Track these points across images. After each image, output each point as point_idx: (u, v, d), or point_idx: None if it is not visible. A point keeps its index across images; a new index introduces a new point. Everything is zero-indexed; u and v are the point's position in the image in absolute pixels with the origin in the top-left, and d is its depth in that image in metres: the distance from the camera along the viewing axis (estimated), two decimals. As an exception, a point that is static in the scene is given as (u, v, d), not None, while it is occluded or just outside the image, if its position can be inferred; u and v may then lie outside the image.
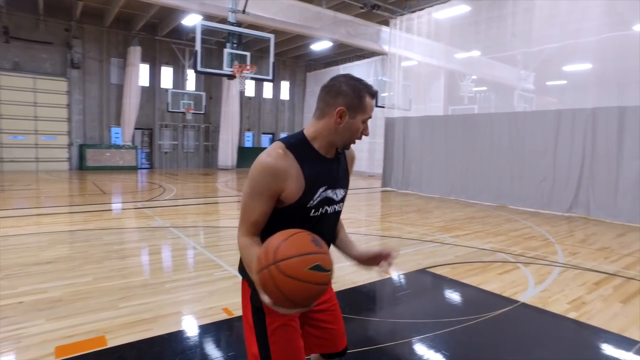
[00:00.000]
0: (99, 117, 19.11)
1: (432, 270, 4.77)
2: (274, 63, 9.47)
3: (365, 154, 20.21)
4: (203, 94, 20.45)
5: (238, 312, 3.46)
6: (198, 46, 8.24)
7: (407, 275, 4.61)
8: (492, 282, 4.33)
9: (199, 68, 8.27)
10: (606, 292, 4.16)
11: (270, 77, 9.57)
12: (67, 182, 14.05)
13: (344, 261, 2.48)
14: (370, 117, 1.48)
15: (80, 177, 15.78)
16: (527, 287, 4.21)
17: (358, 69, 20.86)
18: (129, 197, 11.14)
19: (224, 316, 3.40)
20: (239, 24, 9.83)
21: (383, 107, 14.09)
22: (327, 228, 1.56)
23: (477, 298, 3.94)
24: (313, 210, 1.46)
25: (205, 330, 3.17)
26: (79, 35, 18.02)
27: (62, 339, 2.97)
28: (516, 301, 3.82)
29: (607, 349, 3.01)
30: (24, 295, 3.79)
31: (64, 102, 18.17)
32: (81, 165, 18.40)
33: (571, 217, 8.75)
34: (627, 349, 2.98)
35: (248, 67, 8.97)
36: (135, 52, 18.67)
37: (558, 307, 3.71)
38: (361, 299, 3.91)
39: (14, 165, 17.29)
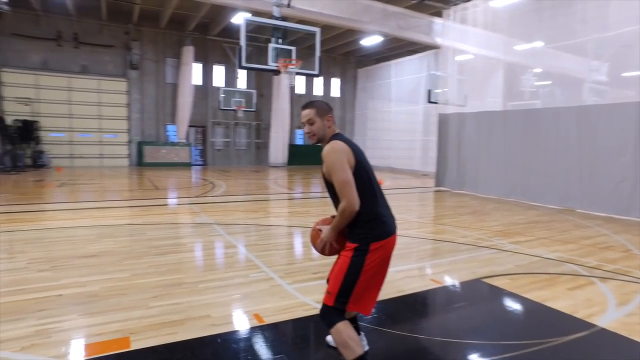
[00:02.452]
0: (155, 115, 19.93)
1: (488, 280, 4.25)
2: (320, 57, 9.20)
3: (419, 152, 19.45)
4: (254, 91, 20.68)
5: (269, 319, 3.21)
6: (243, 42, 8.16)
7: (460, 286, 4.14)
8: (561, 299, 3.74)
9: (243, 64, 8.19)
10: None
11: (316, 72, 9.32)
12: (125, 178, 14.70)
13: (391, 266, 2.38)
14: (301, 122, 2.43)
15: (138, 172, 16.49)
16: (607, 308, 3.56)
17: (409, 65, 20.12)
18: (179, 193, 11.39)
19: (254, 323, 3.17)
20: (284, 18, 9.65)
21: (436, 102, 13.40)
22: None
23: (543, 317, 3.40)
24: None
25: (232, 338, 2.94)
26: (137, 38, 18.88)
27: (89, 336, 2.90)
28: (592, 325, 3.21)
29: None
30: (64, 288, 3.80)
31: (124, 102, 19.15)
32: (139, 162, 19.29)
33: (653, 223, 7.70)
34: None
35: (293, 62, 8.78)
36: (189, 51, 19.25)
37: (646, 333, 3.10)
38: (406, 311, 3.52)
39: (82, 161, 18.49)
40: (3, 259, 4.74)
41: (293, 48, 9.17)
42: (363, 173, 2.24)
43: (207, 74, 20.96)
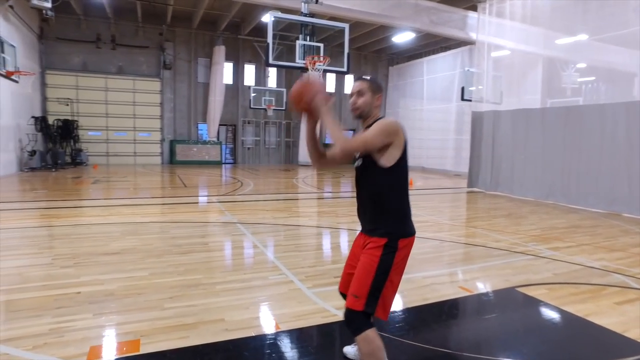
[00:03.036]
0: (187, 114, 20.30)
1: (523, 290, 3.92)
2: (348, 54, 9.00)
3: (452, 151, 18.87)
4: (284, 90, 20.68)
5: (285, 325, 3.05)
6: (270, 39, 8.08)
7: (492, 295, 3.84)
8: (608, 315, 3.37)
9: (270, 61, 8.10)
10: None
11: (344, 69, 9.10)
12: (155, 176, 15.01)
13: (413, 272, 2.06)
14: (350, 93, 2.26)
15: (169, 170, 16.83)
16: (663, 328, 3.18)
17: (443, 61, 19.54)
18: (207, 191, 11.48)
19: (268, 329, 3.02)
20: (312, 15, 9.50)
21: (470, 100, 12.88)
22: (358, 177, 2.25)
23: (586, 335, 3.06)
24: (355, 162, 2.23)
25: (244, 344, 2.80)
26: (170, 38, 19.30)
27: (99, 338, 2.84)
28: (645, 346, 2.87)
29: None
30: (83, 286, 3.79)
31: (157, 101, 19.63)
32: (171, 160, 19.71)
33: None
34: None
35: (321, 59, 8.61)
36: (220, 51, 19.47)
37: None
38: (431, 321, 3.26)
39: (118, 159, 19.11)
40: (32, 254, 4.84)
41: (321, 45, 9.01)
42: (405, 165, 2.13)
43: (238, 73, 21.14)
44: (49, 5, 13.09)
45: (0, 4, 12.07)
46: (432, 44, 20.38)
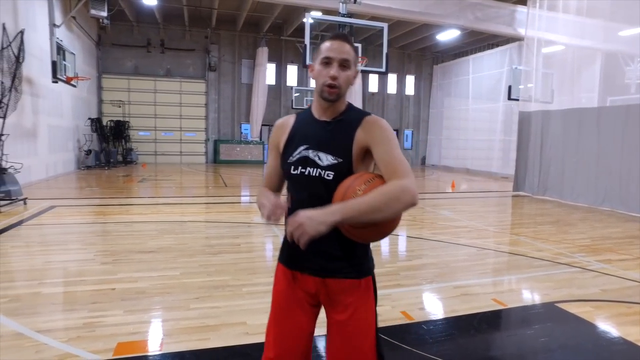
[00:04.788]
0: (231, 114, 20.85)
1: (564, 306, 3.64)
2: (387, 54, 8.81)
3: (498, 152, 18.07)
4: (325, 91, 20.69)
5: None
6: (307, 40, 8.07)
7: (528, 310, 3.59)
8: (659, 337, 3.06)
9: (308, 62, 8.10)
10: None
11: (383, 70, 8.95)
12: (198, 175, 15.51)
13: (443, 281, 1.93)
14: (327, 57, 1.42)
15: (213, 170, 17.34)
16: None
17: (490, 59, 18.76)
18: (246, 191, 11.70)
19: (288, 335, 2.99)
20: (351, 15, 9.39)
21: (517, 99, 12.25)
22: (311, 194, 1.46)
23: None
24: (292, 167, 1.51)
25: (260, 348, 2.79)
26: (215, 41, 19.89)
27: (127, 334, 2.93)
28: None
29: None
30: (118, 282, 3.96)
31: (202, 102, 20.31)
32: (215, 159, 20.32)
33: None
34: None
35: (359, 59, 8.50)
36: (263, 52, 19.82)
37: None
38: (457, 336, 3.10)
39: (164, 158, 19.98)
40: (77, 250, 5.13)
41: (358, 45, 8.88)
42: None
43: (281, 74, 21.42)
44: (105, 14, 13.99)
45: (64, 16, 12.96)
46: (478, 41, 19.62)
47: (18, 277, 4.14)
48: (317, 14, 12.43)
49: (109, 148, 17.41)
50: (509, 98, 12.57)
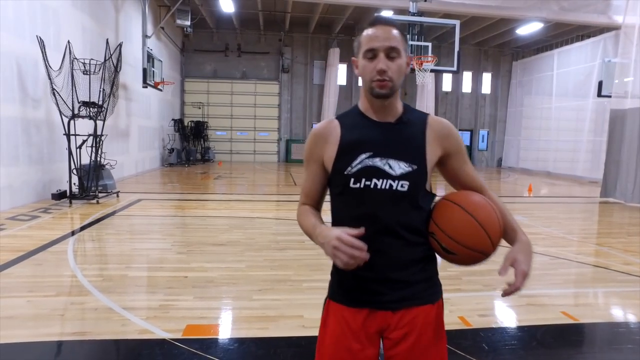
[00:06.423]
0: (302, 114, 21.43)
1: (648, 325, 3.31)
2: (459, 52, 8.51)
3: (587, 154, 16.49)
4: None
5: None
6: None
7: (602, 327, 3.31)
8: None
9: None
10: None
11: (454, 69, 8.67)
12: (270, 173, 16.16)
13: (495, 289, 1.81)
14: (371, 48, 1.21)
15: (284, 168, 17.97)
16: None
17: (578, 52, 17.17)
18: (314, 189, 11.96)
19: (341, 331, 3.08)
20: (422, 14, 9.21)
21: (609, 96, 11.12)
22: (382, 208, 1.26)
23: None
24: (353, 180, 1.27)
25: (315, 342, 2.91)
26: (288, 44, 20.57)
27: (195, 318, 3.21)
28: None
29: None
30: (190, 271, 4.33)
31: (276, 103, 21.13)
32: (287, 158, 21.04)
33: None
34: None
35: (429, 59, 8.32)
36: (335, 53, 20.07)
37: None
38: (517, 347, 2.95)
39: (239, 156, 21.12)
40: (158, 239, 5.68)
41: (429, 44, 8.70)
42: None
43: (352, 74, 21.53)
44: (188, 23, 15.21)
45: (154, 27, 14.33)
46: (564, 33, 18.08)
47: (110, 260, 4.71)
48: (389, 14, 12.34)
49: (189, 147, 18.80)
50: (599, 95, 11.48)
